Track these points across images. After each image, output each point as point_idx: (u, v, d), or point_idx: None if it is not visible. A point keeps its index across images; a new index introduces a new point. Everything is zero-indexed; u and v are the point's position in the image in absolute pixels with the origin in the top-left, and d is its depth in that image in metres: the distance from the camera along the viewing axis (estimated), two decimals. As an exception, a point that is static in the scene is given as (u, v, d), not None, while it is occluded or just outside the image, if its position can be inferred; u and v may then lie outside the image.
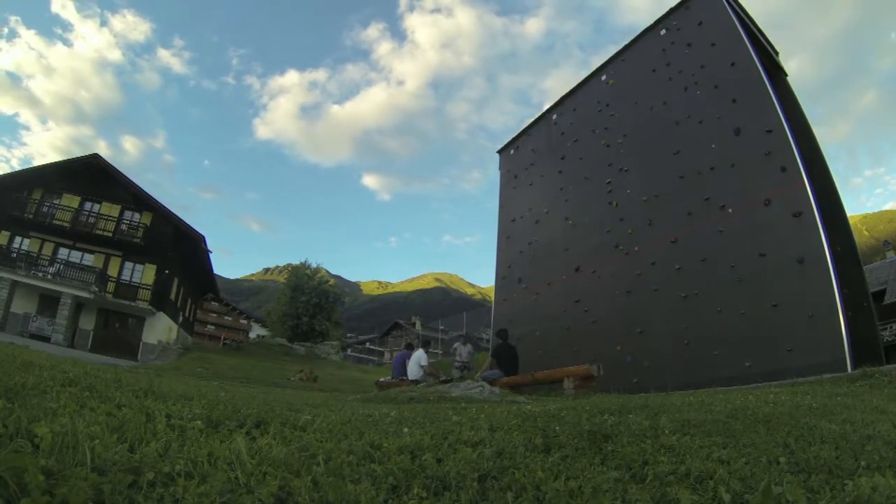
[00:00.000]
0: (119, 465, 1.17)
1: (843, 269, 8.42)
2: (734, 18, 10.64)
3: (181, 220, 24.61)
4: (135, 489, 1.10)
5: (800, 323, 7.87)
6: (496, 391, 7.32)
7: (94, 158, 23.41)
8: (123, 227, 23.45)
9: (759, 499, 1.29)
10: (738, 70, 10.17)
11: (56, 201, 22.86)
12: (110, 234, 22.84)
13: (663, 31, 12.58)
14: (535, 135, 16.77)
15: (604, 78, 14.27)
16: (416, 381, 9.33)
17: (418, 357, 10.06)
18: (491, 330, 16.05)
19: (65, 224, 22.32)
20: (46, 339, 18.64)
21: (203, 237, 24.68)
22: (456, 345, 11.90)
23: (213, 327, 50.79)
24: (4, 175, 23.11)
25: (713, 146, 10.16)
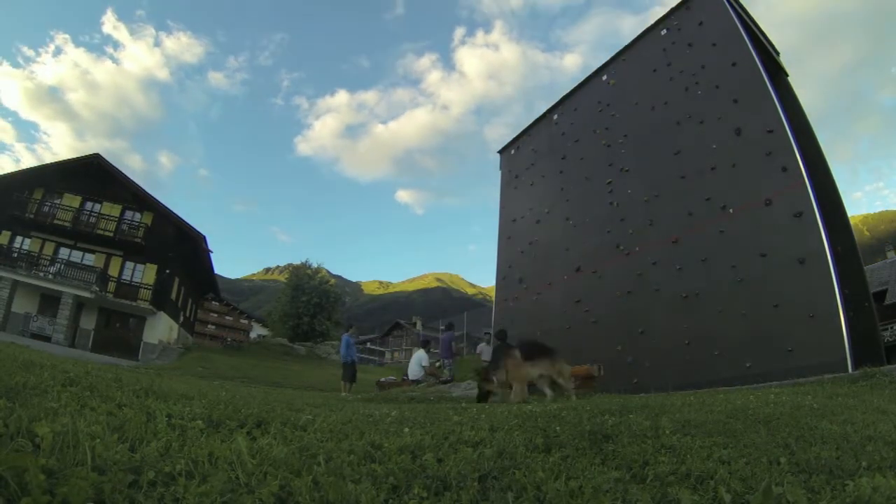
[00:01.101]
0: (120, 465, 1.17)
1: (844, 270, 8.41)
2: (735, 18, 10.62)
3: (182, 219, 24.61)
4: (135, 488, 1.10)
5: (801, 323, 7.86)
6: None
7: (95, 158, 23.42)
8: (124, 226, 23.47)
9: (760, 499, 1.29)
10: (738, 70, 10.16)
11: (57, 201, 22.87)
12: (111, 234, 22.85)
13: (664, 31, 12.57)
14: (535, 135, 16.77)
15: (604, 78, 14.26)
16: (416, 381, 9.34)
17: (419, 357, 10.07)
18: (492, 330, 16.04)
19: (66, 224, 22.34)
20: (47, 339, 18.65)
21: (204, 237, 24.69)
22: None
23: (213, 327, 50.74)
24: (6, 175, 23.13)
25: (714, 146, 10.15)
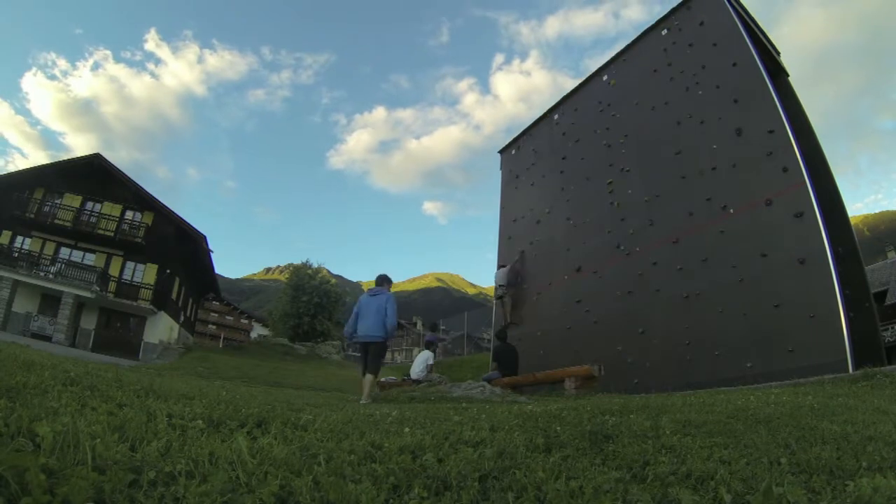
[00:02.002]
0: (120, 465, 1.17)
1: (845, 270, 8.40)
2: (735, 18, 10.62)
3: (182, 219, 24.65)
4: (136, 488, 1.10)
5: (801, 323, 7.85)
6: (497, 391, 7.32)
7: (96, 158, 23.46)
8: (125, 226, 23.51)
9: (761, 499, 1.29)
10: (739, 70, 10.15)
11: (58, 201, 22.92)
12: (112, 234, 22.90)
13: (664, 31, 12.56)
14: (536, 135, 16.76)
15: (605, 78, 14.25)
16: (418, 382, 9.34)
17: (424, 357, 10.06)
18: (492, 330, 16.04)
19: (66, 224, 22.38)
20: (48, 339, 18.68)
21: (204, 237, 24.72)
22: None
23: (214, 327, 50.82)
24: (6, 175, 23.18)
25: (714, 146, 10.14)
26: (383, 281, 7.12)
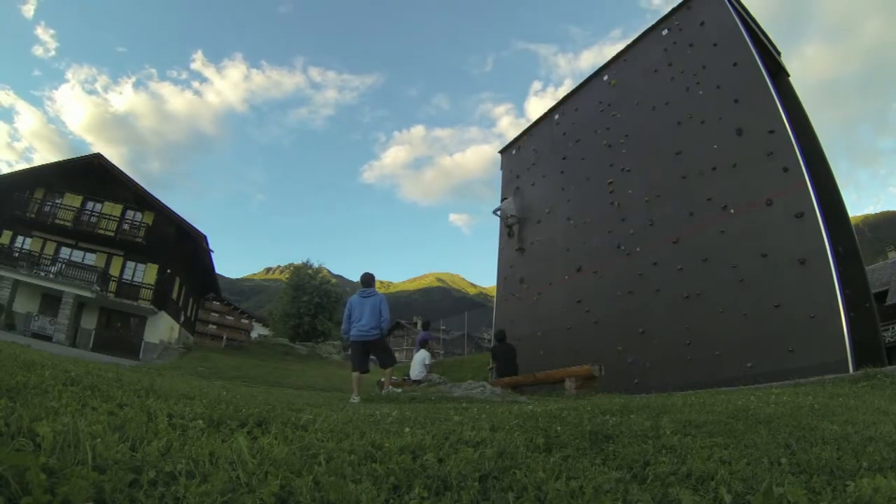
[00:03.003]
0: (120, 464, 1.17)
1: (845, 270, 8.40)
2: (736, 18, 10.61)
3: (183, 219, 24.65)
4: (136, 488, 1.10)
5: (801, 323, 7.85)
6: (497, 391, 7.32)
7: (97, 158, 23.47)
8: (125, 226, 23.52)
9: (761, 499, 1.29)
10: (740, 70, 10.15)
11: (58, 201, 22.93)
12: (112, 234, 22.90)
13: (665, 31, 12.56)
14: (536, 135, 16.76)
15: (605, 78, 14.25)
16: (418, 382, 9.34)
17: (422, 357, 10.07)
18: (492, 330, 16.04)
19: (67, 223, 22.38)
20: (48, 339, 18.69)
21: (205, 236, 24.71)
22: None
23: (214, 327, 50.83)
24: (7, 174, 23.20)
25: (715, 146, 10.14)
26: (371, 280, 7.22)
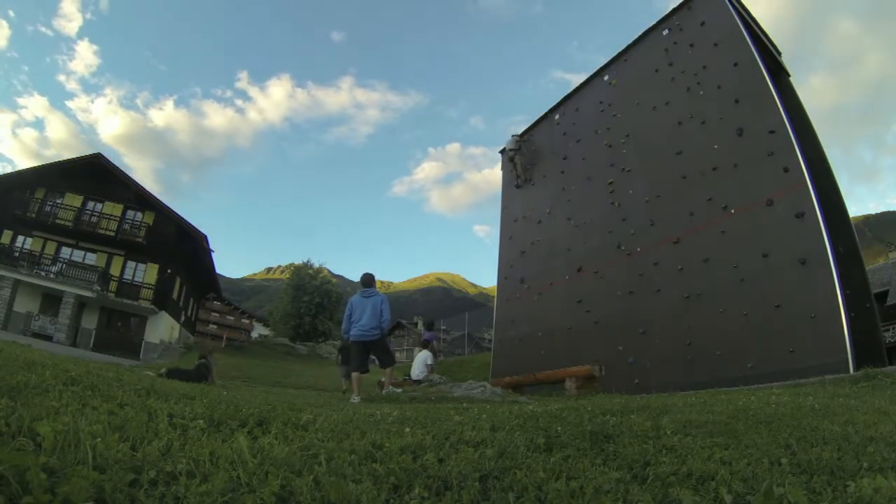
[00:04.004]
0: (121, 464, 1.17)
1: (846, 270, 8.39)
2: (737, 18, 10.60)
3: (183, 219, 24.65)
4: (136, 487, 1.10)
5: (802, 324, 7.84)
6: (498, 391, 7.32)
7: (97, 158, 23.47)
8: (126, 226, 23.52)
9: (761, 500, 1.29)
10: (740, 70, 10.14)
11: (59, 201, 22.93)
12: (113, 234, 22.90)
13: (665, 31, 12.55)
14: (537, 135, 16.76)
15: (606, 78, 14.24)
16: (418, 382, 9.34)
17: (423, 357, 10.06)
18: (493, 330, 16.03)
19: (67, 223, 22.39)
20: (49, 339, 18.70)
21: (205, 236, 24.71)
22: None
23: (215, 327, 50.81)
24: (7, 174, 23.22)
25: (716, 147, 10.13)
26: (371, 280, 7.23)
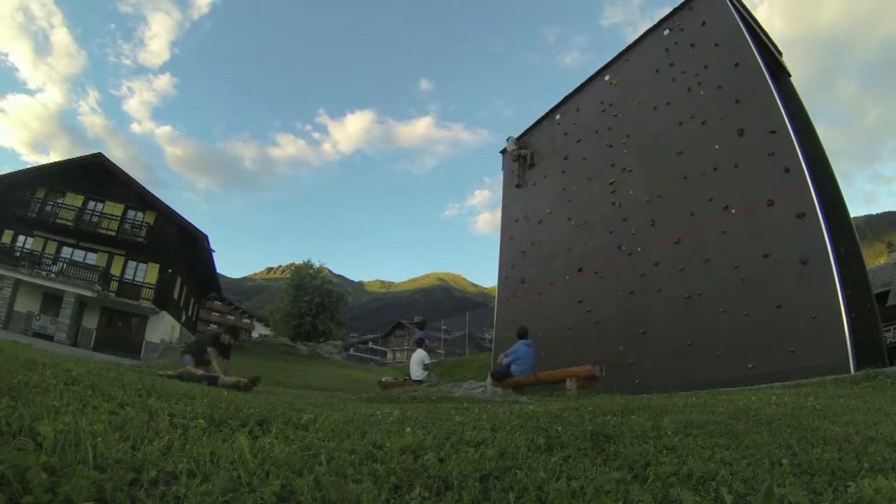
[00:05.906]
0: (121, 464, 1.17)
1: (847, 271, 8.39)
2: (737, 18, 10.60)
3: (184, 219, 24.66)
4: (137, 487, 1.10)
5: (803, 324, 7.84)
6: (498, 391, 7.31)
7: (98, 158, 23.49)
8: (127, 226, 23.52)
9: (762, 500, 1.28)
10: (741, 70, 10.14)
11: (59, 200, 22.94)
12: (113, 233, 22.91)
13: (666, 32, 12.55)
14: (537, 135, 16.76)
15: (607, 78, 14.24)
16: (418, 382, 9.33)
17: (420, 357, 10.05)
18: (493, 330, 16.02)
19: (68, 223, 22.39)
20: (49, 338, 18.71)
21: (206, 236, 24.71)
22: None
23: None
24: (8, 174, 23.20)
25: (716, 147, 10.13)
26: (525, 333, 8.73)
